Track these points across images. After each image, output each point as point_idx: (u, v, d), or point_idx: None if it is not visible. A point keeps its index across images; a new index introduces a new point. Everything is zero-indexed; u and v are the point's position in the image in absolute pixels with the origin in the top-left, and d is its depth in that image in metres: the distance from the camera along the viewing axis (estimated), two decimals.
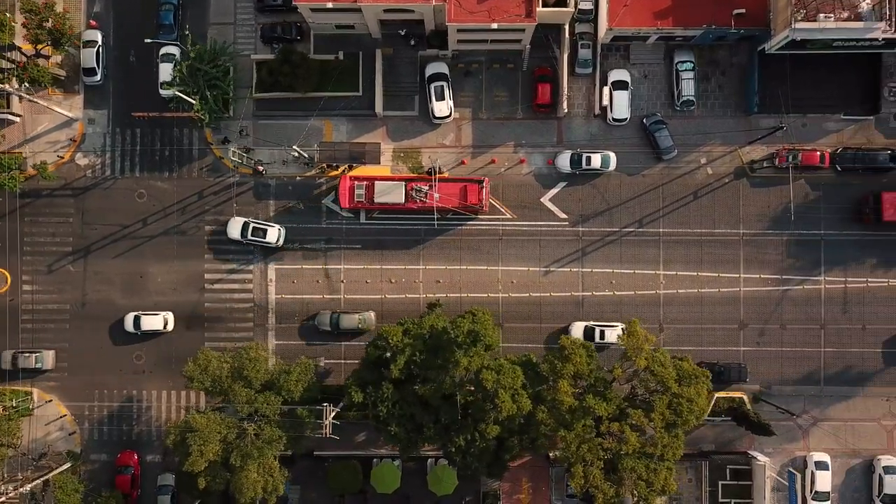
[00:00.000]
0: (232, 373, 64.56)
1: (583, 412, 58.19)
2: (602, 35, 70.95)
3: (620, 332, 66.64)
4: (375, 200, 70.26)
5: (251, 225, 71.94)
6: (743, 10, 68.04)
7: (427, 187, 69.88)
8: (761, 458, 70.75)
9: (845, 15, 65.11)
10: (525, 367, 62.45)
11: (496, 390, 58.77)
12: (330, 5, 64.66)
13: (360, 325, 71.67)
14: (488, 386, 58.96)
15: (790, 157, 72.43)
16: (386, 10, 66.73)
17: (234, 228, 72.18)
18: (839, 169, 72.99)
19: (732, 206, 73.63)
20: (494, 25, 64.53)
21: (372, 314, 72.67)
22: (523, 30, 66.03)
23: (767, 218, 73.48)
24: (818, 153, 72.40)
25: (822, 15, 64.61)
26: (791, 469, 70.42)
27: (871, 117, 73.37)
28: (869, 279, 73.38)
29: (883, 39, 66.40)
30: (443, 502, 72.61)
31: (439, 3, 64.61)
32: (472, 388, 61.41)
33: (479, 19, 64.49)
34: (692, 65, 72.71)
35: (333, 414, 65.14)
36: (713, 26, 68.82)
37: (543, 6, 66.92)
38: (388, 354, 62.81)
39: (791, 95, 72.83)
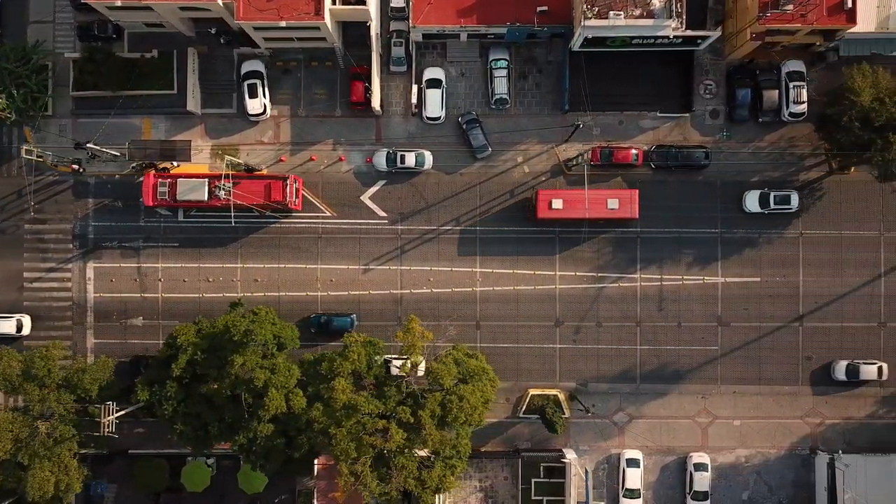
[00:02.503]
0: (23, 371, 64.38)
1: (352, 410, 58.10)
2: (412, 33, 70.94)
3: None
4: (178, 198, 70.03)
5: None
6: (546, 8, 68.06)
7: (230, 185, 69.71)
8: (569, 455, 70.83)
9: (637, 12, 65.19)
10: (310, 366, 62.44)
11: (267, 388, 58.72)
12: (119, 3, 64.48)
13: None
14: (259, 384, 58.97)
15: (603, 155, 72.59)
16: (182, 8, 66.57)
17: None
18: (653, 167, 73.11)
19: None
20: (283, 24, 64.45)
21: None
22: (317, 28, 65.82)
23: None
24: (632, 151, 72.50)
25: (612, 12, 64.67)
26: (587, 468, 70.43)
27: (687, 115, 73.49)
28: (684, 277, 73.53)
29: (677, 37, 66.63)
30: (260, 501, 72.66)
31: (229, 1, 64.46)
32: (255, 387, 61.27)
33: (268, 17, 64.40)
34: (506, 63, 72.74)
35: (123, 413, 64.95)
36: (517, 24, 68.84)
37: (344, 4, 66.96)
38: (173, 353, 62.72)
39: (607, 93, 72.99)
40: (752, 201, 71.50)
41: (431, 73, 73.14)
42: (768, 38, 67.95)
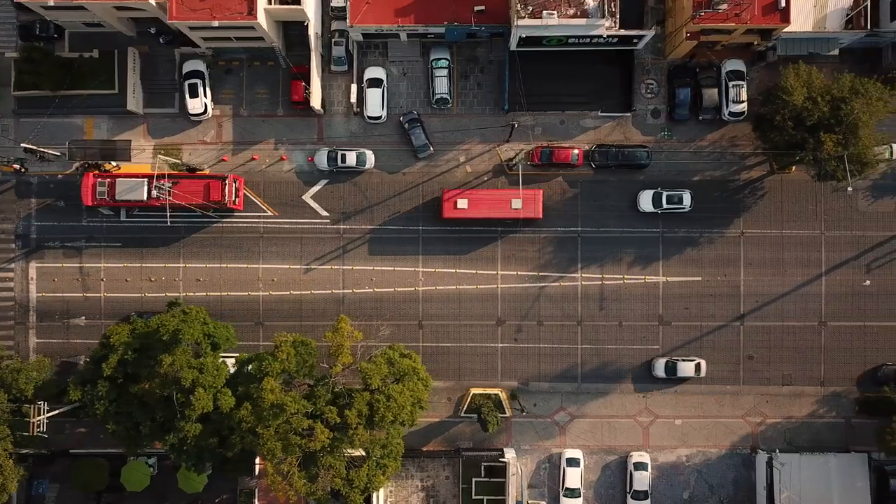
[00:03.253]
0: None
1: (279, 409, 58.09)
2: (352, 33, 70.95)
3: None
4: (117, 198, 70.05)
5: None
6: (483, 8, 68.06)
7: (170, 184, 69.71)
8: (508, 455, 70.87)
9: (571, 12, 65.25)
10: (241, 366, 62.47)
11: (194, 388, 58.75)
12: (52, 3, 64.44)
13: None
14: (186, 384, 58.98)
15: (543, 155, 72.65)
16: (117, 8, 66.57)
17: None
18: (594, 166, 73.15)
19: None
20: (216, 23, 64.46)
21: None
22: (252, 27, 65.78)
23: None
24: (572, 151, 72.54)
25: (545, 12, 64.70)
26: (519, 467, 70.37)
27: (628, 114, 73.52)
28: (625, 276, 73.56)
29: (612, 37, 66.67)
30: (201, 500, 72.65)
31: (162, 1, 64.45)
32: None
33: (200, 17, 64.40)
34: (447, 62, 72.76)
35: (54, 413, 64.94)
36: (455, 23, 68.83)
37: (281, 3, 66.99)
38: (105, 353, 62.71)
39: (548, 93, 73.27)
40: (645, 201, 71.60)
41: (372, 72, 73.14)
42: (704, 38, 68.06)
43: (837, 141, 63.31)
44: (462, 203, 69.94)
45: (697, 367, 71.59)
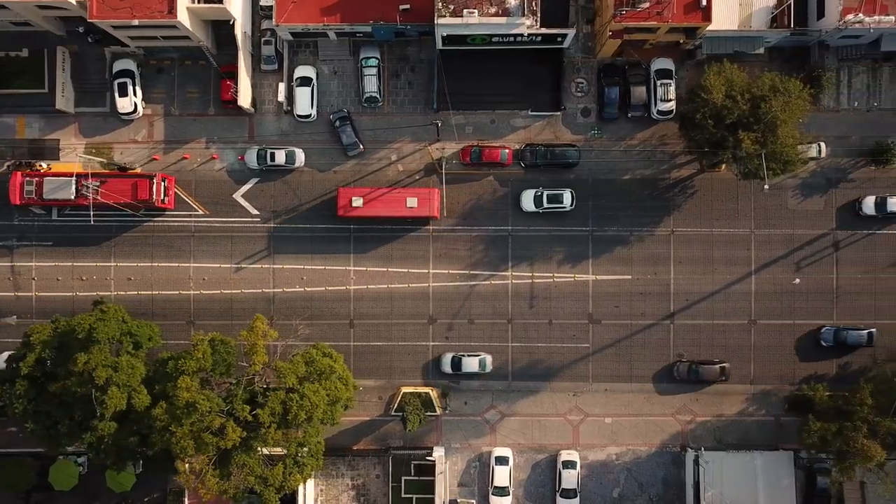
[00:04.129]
0: None
1: (191, 408, 58.08)
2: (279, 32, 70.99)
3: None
4: (45, 197, 70.06)
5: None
6: (409, 6, 68.04)
7: (97, 183, 69.72)
8: (437, 453, 70.88)
9: (493, 10, 65.32)
10: (160, 365, 62.49)
11: (108, 386, 58.78)
12: None
13: None
14: (100, 383, 58.99)
15: (473, 154, 72.72)
16: (40, 7, 66.55)
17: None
18: (523, 165, 73.21)
19: None
20: (136, 22, 64.48)
21: None
22: (175, 26, 65.78)
23: (458, 214, 73.54)
24: (501, 150, 72.60)
25: (466, 10, 64.78)
26: (445, 466, 70.34)
27: (558, 113, 73.62)
28: (555, 274, 73.62)
29: (536, 35, 66.78)
30: (130, 499, 72.63)
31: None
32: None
33: (121, 16, 64.42)
34: (377, 61, 72.79)
35: None
36: (381, 22, 68.87)
37: (204, 2, 67.00)
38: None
39: (478, 91, 73.43)
40: (527, 201, 71.70)
41: (302, 71, 73.18)
42: (628, 36, 68.26)
43: (756, 139, 63.41)
44: (357, 202, 70.17)
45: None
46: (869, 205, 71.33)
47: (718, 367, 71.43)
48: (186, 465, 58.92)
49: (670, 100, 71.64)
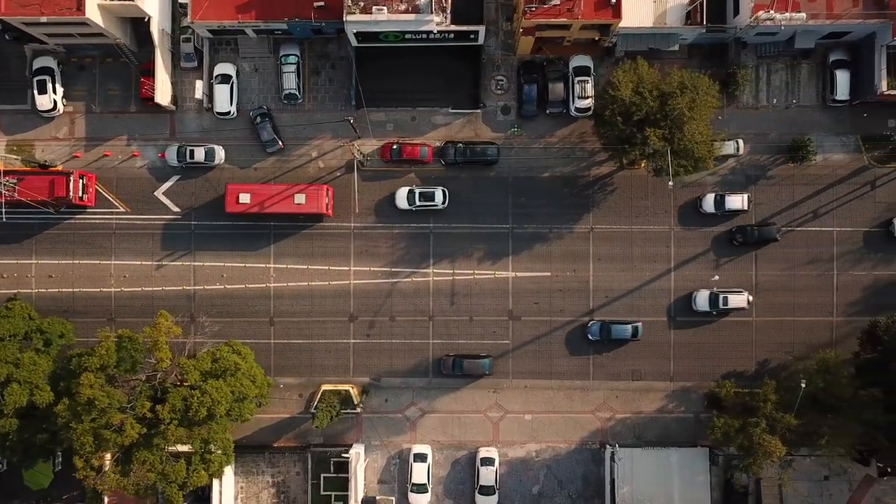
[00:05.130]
0: None
1: (90, 405, 58.08)
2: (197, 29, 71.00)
3: None
4: None
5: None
6: (322, 3, 68.07)
7: (15, 180, 69.70)
8: (353, 450, 70.80)
9: (402, 7, 65.39)
10: (65, 362, 62.51)
11: (8, 383, 58.79)
12: None
13: None
14: (0, 379, 58.96)
15: (393, 152, 72.78)
16: None
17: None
18: (443, 163, 73.27)
19: (344, 200, 73.37)
20: (44, 19, 64.47)
21: None
22: (86, 23, 65.76)
23: (374, 212, 73.57)
24: (420, 148, 72.66)
25: (376, 7, 64.82)
26: (358, 463, 70.19)
27: (478, 111, 73.69)
28: (476, 271, 73.66)
29: (448, 32, 66.88)
30: (49, 497, 72.54)
31: None
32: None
33: (29, 13, 64.48)
34: (296, 58, 72.83)
35: None
36: (296, 19, 68.90)
37: None
38: None
39: (398, 89, 73.72)
40: (401, 199, 72.10)
41: (221, 68, 73.26)
42: (541, 34, 68.26)
43: (662, 136, 63.50)
44: (244, 198, 70.29)
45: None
46: (708, 202, 71.79)
47: (480, 362, 71.54)
48: (82, 462, 58.75)
49: (588, 97, 71.69)
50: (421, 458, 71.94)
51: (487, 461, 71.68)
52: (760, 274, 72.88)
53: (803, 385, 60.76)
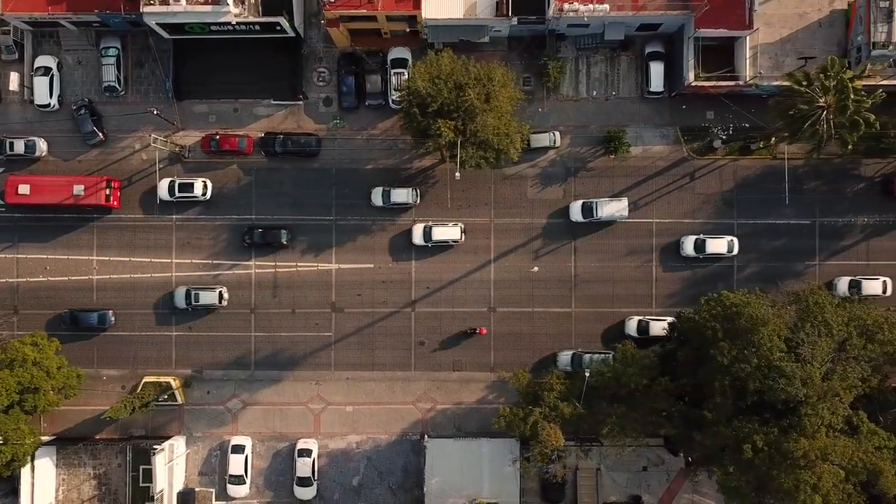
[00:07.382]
0: None
1: None
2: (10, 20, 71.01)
3: None
4: None
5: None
6: None
7: None
8: (167, 442, 70.76)
9: None
10: None
11: None
12: None
13: None
14: None
15: (212, 143, 72.87)
16: None
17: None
18: (264, 154, 73.38)
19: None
20: None
21: None
22: None
23: (201, 203, 73.55)
24: (239, 139, 72.77)
25: None
26: (157, 457, 69.68)
27: (300, 102, 73.79)
28: (298, 263, 73.79)
29: (251, 23, 66.93)
30: None
31: None
32: None
33: None
34: (116, 51, 72.84)
35: None
36: (107, 11, 68.90)
37: None
38: None
39: (219, 80, 73.94)
40: (163, 190, 72.08)
41: (41, 61, 73.26)
42: (346, 25, 68.33)
43: (454, 127, 63.61)
44: (24, 189, 70.37)
45: None
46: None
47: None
48: None
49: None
50: (238, 449, 72.04)
51: (305, 452, 71.81)
52: (579, 265, 73.12)
53: (587, 374, 61.00)
